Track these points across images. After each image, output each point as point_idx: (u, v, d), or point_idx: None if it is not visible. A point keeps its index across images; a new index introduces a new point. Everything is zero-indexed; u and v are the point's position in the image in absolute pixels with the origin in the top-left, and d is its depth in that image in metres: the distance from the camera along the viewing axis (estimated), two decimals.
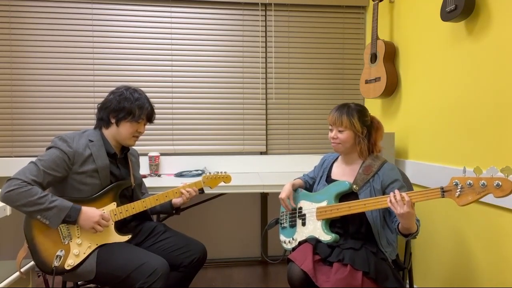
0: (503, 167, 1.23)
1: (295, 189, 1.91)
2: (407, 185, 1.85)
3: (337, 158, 1.87)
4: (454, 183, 1.35)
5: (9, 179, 1.56)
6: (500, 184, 1.24)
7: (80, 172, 1.67)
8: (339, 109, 1.72)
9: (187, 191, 1.86)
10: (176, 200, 1.88)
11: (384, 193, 1.65)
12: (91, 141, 1.73)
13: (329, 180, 1.81)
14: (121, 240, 1.71)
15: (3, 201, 1.55)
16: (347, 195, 1.69)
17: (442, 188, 1.38)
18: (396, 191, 1.47)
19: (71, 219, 1.59)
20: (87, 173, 1.68)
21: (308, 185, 1.96)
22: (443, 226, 2.05)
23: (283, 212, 1.94)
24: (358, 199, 1.64)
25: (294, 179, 1.97)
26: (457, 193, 1.34)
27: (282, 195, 1.85)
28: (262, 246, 3.08)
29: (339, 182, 1.73)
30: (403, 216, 1.43)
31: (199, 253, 1.85)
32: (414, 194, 1.44)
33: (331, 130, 1.74)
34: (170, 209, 1.94)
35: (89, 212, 1.63)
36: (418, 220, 1.55)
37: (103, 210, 1.70)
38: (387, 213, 1.66)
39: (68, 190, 1.68)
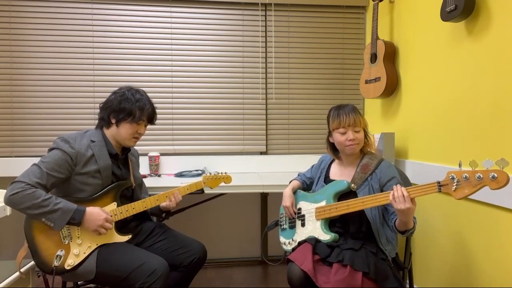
0: (498, 159, 1.24)
1: (293, 191, 1.91)
2: (406, 183, 1.85)
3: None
4: (451, 177, 1.36)
5: (12, 182, 1.55)
6: (496, 176, 1.25)
7: (82, 173, 1.67)
8: (351, 111, 1.69)
9: (173, 197, 1.85)
10: (163, 204, 1.87)
11: (382, 190, 1.65)
12: (93, 141, 1.72)
13: (327, 180, 1.81)
14: (121, 240, 1.72)
15: (7, 204, 1.55)
16: (346, 195, 1.70)
17: (438, 182, 1.38)
18: (398, 186, 1.46)
19: (75, 221, 1.59)
20: (89, 173, 1.68)
21: (306, 185, 1.96)
22: (443, 226, 2.05)
23: (282, 213, 1.94)
24: (357, 197, 1.64)
25: (290, 180, 1.97)
26: (454, 187, 1.34)
27: (287, 203, 1.85)
28: (262, 247, 3.08)
29: (337, 181, 1.73)
30: (404, 211, 1.43)
31: (199, 253, 1.86)
32: (412, 189, 1.44)
33: (344, 133, 1.69)
34: (159, 212, 1.94)
35: (94, 214, 1.62)
36: (414, 217, 1.55)
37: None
38: (385, 211, 1.66)
39: (70, 190, 1.68)
